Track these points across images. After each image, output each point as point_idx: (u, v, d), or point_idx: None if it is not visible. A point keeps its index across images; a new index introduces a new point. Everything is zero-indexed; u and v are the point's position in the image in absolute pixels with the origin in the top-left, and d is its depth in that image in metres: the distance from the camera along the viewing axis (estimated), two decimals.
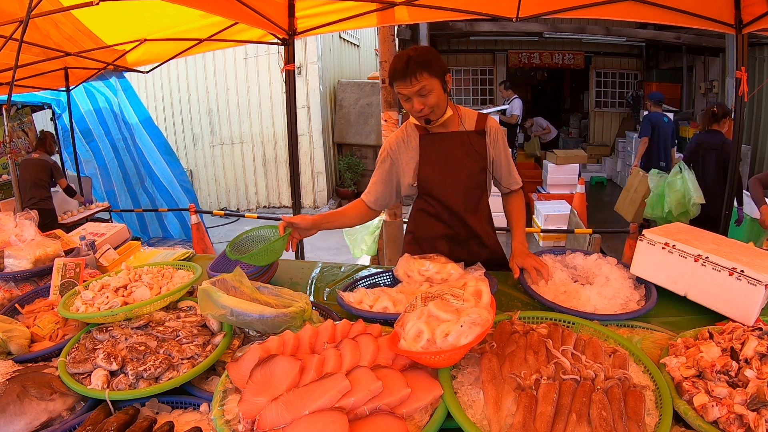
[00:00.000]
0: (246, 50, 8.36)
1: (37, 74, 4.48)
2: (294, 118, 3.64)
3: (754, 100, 7.01)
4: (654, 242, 1.66)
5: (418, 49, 1.80)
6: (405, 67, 1.74)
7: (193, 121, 8.98)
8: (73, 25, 3.56)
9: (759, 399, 1.01)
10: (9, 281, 1.94)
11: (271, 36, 3.57)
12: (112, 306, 1.52)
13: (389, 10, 3.35)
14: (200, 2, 2.67)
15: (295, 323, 1.38)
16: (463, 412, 1.03)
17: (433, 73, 1.75)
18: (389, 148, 2.01)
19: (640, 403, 1.02)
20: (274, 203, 9.07)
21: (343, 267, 2.20)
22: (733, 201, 3.61)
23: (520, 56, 10.05)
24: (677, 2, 2.97)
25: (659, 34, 7.71)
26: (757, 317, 1.40)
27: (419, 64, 1.73)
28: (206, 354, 1.33)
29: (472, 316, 1.11)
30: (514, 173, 2.10)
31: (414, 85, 1.75)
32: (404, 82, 1.76)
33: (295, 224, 1.85)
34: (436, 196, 2.00)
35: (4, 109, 3.94)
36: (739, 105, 3.22)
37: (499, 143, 2.03)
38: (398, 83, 1.78)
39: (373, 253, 4.85)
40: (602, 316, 1.53)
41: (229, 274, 1.50)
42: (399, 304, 1.57)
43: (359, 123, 8.86)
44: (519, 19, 3.21)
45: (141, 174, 6.77)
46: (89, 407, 1.22)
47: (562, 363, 1.13)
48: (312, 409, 1.00)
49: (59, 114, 6.43)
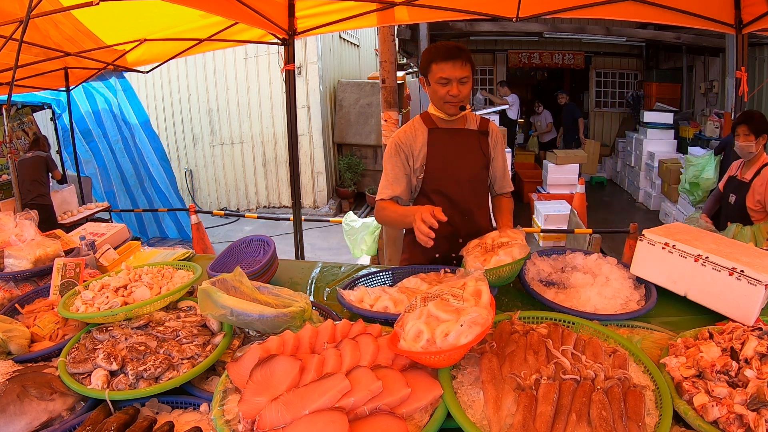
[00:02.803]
0: (246, 50, 8.35)
1: (37, 74, 4.48)
2: (294, 118, 3.64)
3: (754, 100, 7.01)
4: (654, 242, 1.66)
5: (462, 45, 1.90)
6: (457, 51, 1.84)
7: (193, 121, 8.97)
8: (73, 25, 3.56)
9: (759, 399, 1.01)
10: (9, 281, 1.94)
11: (271, 36, 3.56)
12: (112, 306, 1.52)
13: (389, 10, 3.35)
14: (200, 2, 2.67)
15: (295, 323, 1.38)
16: (463, 412, 1.03)
17: (472, 68, 1.88)
18: (400, 141, 2.03)
19: (640, 403, 1.02)
20: (274, 203, 9.07)
21: (343, 267, 2.20)
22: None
23: (520, 56, 10.05)
24: (677, 2, 2.97)
25: (659, 34, 7.71)
26: (757, 317, 1.40)
27: (467, 55, 1.85)
28: (206, 354, 1.33)
29: (472, 316, 1.11)
30: (508, 178, 2.21)
31: (462, 71, 1.85)
32: (454, 64, 1.84)
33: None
34: (442, 190, 2.03)
35: (4, 109, 3.94)
36: (739, 105, 3.22)
37: (499, 146, 2.13)
38: (445, 64, 1.85)
39: (373, 253, 4.85)
40: (602, 316, 1.53)
41: (229, 274, 1.50)
42: (400, 303, 1.57)
43: (359, 123, 8.86)
44: (519, 19, 3.21)
45: (140, 175, 6.79)
46: (89, 407, 1.22)
47: (562, 363, 1.13)
48: (312, 409, 1.00)
49: (59, 114, 6.43)
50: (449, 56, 1.83)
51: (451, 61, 1.83)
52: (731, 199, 3.09)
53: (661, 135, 7.76)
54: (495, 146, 2.10)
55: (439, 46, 1.87)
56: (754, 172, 2.95)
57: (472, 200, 2.06)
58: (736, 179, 3.11)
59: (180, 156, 9.20)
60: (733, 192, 3.10)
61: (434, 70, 1.87)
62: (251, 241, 2.22)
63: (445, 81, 1.87)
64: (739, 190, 3.05)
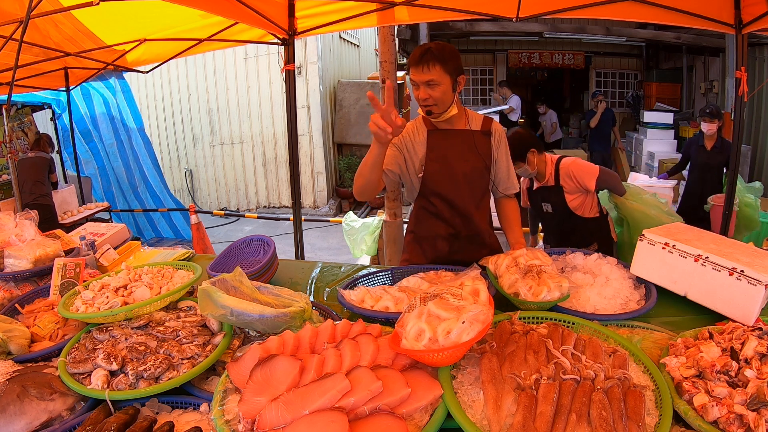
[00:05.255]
0: (246, 50, 8.35)
1: (37, 74, 4.48)
2: (294, 118, 3.64)
3: (754, 100, 7.01)
4: (654, 242, 1.66)
5: (441, 45, 1.87)
6: (421, 55, 1.82)
7: (193, 121, 8.97)
8: (73, 25, 3.56)
9: (759, 399, 1.01)
10: (9, 281, 1.94)
11: (271, 36, 3.56)
12: (112, 306, 1.52)
13: (389, 10, 3.35)
14: (200, 2, 2.67)
15: (295, 323, 1.38)
16: (463, 412, 1.03)
17: (446, 69, 1.82)
18: (401, 134, 2.00)
19: (640, 403, 1.02)
20: (274, 203, 9.07)
21: (343, 267, 2.20)
22: (733, 201, 3.60)
23: (520, 56, 10.05)
24: (677, 2, 2.97)
25: (659, 34, 7.71)
26: (757, 317, 1.40)
27: (436, 56, 1.81)
28: (206, 354, 1.33)
29: (473, 313, 1.12)
30: (513, 178, 2.16)
31: (425, 74, 1.82)
32: (417, 69, 1.83)
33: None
34: (440, 192, 2.02)
35: (4, 109, 3.94)
36: (739, 105, 3.21)
37: (502, 146, 2.10)
38: (412, 69, 1.85)
39: (373, 253, 4.85)
40: (602, 316, 1.53)
41: (229, 274, 1.50)
42: (400, 303, 1.57)
43: (359, 123, 8.86)
44: (519, 19, 3.21)
45: (135, 179, 6.80)
46: (89, 407, 1.22)
47: (562, 363, 1.13)
48: (312, 409, 1.00)
49: (59, 114, 6.43)
50: (414, 61, 1.84)
51: (418, 65, 1.83)
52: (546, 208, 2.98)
53: (661, 135, 7.76)
54: (498, 146, 2.07)
55: (414, 51, 1.86)
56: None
57: (470, 202, 2.05)
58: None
59: (180, 156, 9.19)
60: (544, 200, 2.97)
61: (410, 74, 1.89)
62: (251, 241, 2.22)
63: (415, 85, 1.87)
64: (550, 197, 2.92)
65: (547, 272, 1.60)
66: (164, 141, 9.14)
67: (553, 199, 2.88)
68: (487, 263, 1.76)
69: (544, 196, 2.92)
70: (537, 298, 1.51)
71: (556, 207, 2.89)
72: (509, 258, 1.72)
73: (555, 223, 2.99)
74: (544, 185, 2.89)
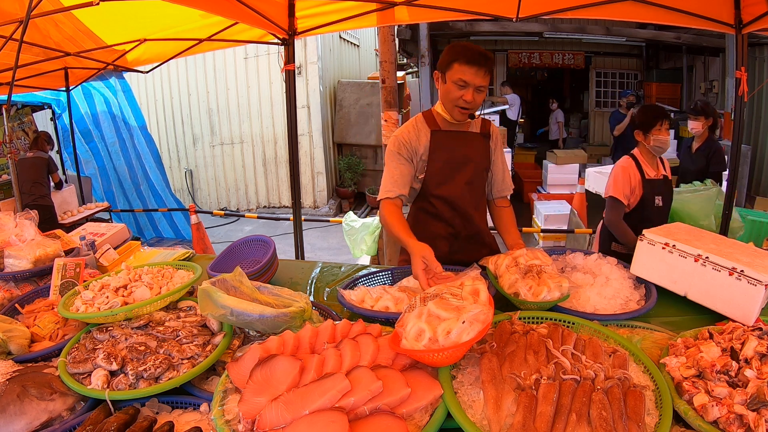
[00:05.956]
0: (246, 50, 8.35)
1: (37, 74, 4.48)
2: (294, 118, 3.64)
3: (754, 100, 7.01)
4: (654, 242, 1.66)
5: (489, 54, 1.83)
6: (484, 60, 1.78)
7: (193, 121, 8.97)
8: (73, 25, 3.56)
9: (759, 399, 1.01)
10: (9, 281, 1.94)
11: (271, 36, 3.56)
12: (112, 306, 1.52)
13: (389, 10, 3.35)
14: (200, 2, 2.67)
15: (295, 323, 1.38)
16: (463, 412, 1.03)
17: (491, 79, 1.86)
18: (403, 139, 1.97)
19: (640, 403, 1.02)
20: (274, 203, 9.07)
21: (343, 267, 2.20)
22: (733, 201, 3.59)
23: (520, 56, 10.06)
24: (677, 2, 2.97)
25: (659, 34, 7.71)
26: (757, 317, 1.40)
27: (492, 64, 1.82)
28: (206, 354, 1.33)
29: (473, 313, 1.12)
30: (508, 179, 2.16)
31: (480, 79, 1.80)
32: (474, 71, 1.79)
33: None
34: (442, 193, 2.01)
35: (4, 109, 3.93)
36: (739, 105, 3.21)
37: (499, 148, 2.11)
38: (468, 67, 1.78)
39: (373, 253, 4.85)
40: (602, 316, 1.53)
41: (229, 274, 1.50)
42: (400, 303, 1.57)
43: (359, 123, 8.86)
44: (519, 19, 3.21)
45: (137, 178, 6.80)
46: (89, 407, 1.22)
47: (562, 363, 1.13)
48: (312, 409, 1.00)
49: (59, 114, 6.43)
50: (473, 61, 1.76)
51: (475, 66, 1.77)
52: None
53: None
54: (495, 148, 2.08)
55: (467, 47, 1.80)
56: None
57: (470, 203, 2.05)
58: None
59: (180, 156, 9.20)
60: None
61: (455, 69, 1.80)
62: (251, 241, 2.22)
63: (462, 84, 1.81)
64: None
65: (547, 272, 1.60)
66: (164, 141, 9.14)
67: (665, 191, 2.84)
68: (487, 263, 1.76)
69: (658, 189, 2.79)
70: (537, 298, 1.52)
71: (665, 200, 2.85)
72: (509, 258, 1.72)
73: (661, 218, 2.86)
74: (656, 178, 2.79)
